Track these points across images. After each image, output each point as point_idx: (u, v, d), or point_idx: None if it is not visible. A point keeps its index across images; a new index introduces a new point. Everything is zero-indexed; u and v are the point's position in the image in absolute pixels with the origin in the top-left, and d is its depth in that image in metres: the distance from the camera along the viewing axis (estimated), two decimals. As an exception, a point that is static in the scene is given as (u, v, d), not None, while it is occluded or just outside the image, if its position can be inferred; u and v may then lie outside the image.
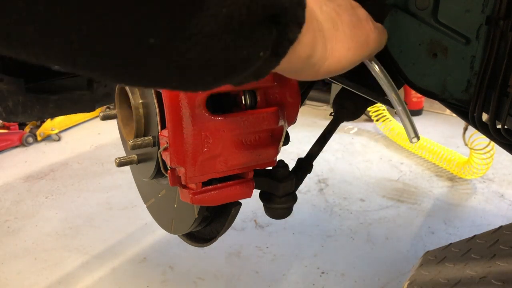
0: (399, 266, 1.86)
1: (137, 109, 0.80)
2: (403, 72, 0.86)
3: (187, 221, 0.88)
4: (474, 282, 0.86)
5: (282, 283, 1.77)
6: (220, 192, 0.69)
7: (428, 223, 2.20)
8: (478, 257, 0.94)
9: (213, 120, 0.61)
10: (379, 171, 2.79)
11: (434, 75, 0.84)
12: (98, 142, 3.19)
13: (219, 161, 0.64)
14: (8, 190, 2.54)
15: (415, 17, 0.82)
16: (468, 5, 0.76)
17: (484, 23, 0.75)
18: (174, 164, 0.64)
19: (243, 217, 2.21)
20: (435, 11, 0.80)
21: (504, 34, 0.71)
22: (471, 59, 0.79)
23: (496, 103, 0.75)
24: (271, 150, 0.68)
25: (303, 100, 0.91)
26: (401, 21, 0.84)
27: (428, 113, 3.94)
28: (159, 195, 0.98)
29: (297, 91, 0.72)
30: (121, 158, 0.88)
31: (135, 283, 1.76)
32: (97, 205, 2.35)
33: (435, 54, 0.83)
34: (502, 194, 2.50)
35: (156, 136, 0.77)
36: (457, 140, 3.11)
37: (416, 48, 0.84)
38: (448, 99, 0.84)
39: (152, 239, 2.05)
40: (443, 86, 0.84)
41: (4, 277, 1.79)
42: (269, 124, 0.66)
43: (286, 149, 0.80)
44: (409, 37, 0.84)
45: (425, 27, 0.81)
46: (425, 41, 0.83)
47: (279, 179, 0.83)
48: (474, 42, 0.78)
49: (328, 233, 2.11)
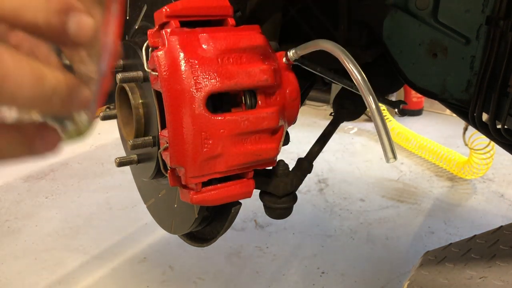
0: (399, 266, 1.86)
1: (137, 109, 0.80)
2: (403, 72, 0.86)
3: (187, 221, 0.88)
4: (474, 282, 0.86)
5: (282, 283, 1.77)
6: (220, 192, 0.69)
7: (428, 223, 2.20)
8: (478, 257, 0.94)
9: (213, 120, 0.61)
10: (379, 171, 2.78)
11: (434, 75, 0.84)
12: (98, 142, 3.19)
13: (219, 161, 0.64)
14: (8, 190, 2.53)
15: (415, 17, 0.82)
16: (468, 5, 0.76)
17: (484, 23, 0.75)
18: (174, 164, 0.64)
19: (243, 217, 2.21)
20: (435, 11, 0.80)
21: (504, 34, 0.71)
22: (471, 59, 0.79)
23: (496, 103, 0.75)
24: (271, 150, 0.68)
25: (303, 100, 0.92)
26: (401, 21, 0.84)
27: (428, 113, 3.94)
28: (159, 195, 0.98)
29: (297, 91, 0.72)
30: (121, 158, 0.88)
31: (135, 283, 1.76)
32: (97, 205, 2.34)
33: (435, 54, 0.83)
34: (502, 194, 2.50)
35: (156, 136, 0.77)
36: (457, 140, 3.10)
37: (416, 48, 0.84)
38: (448, 99, 0.84)
39: (152, 239, 2.05)
40: (443, 86, 0.84)
41: (4, 277, 1.79)
42: (269, 124, 0.66)
43: (286, 149, 0.80)
44: (409, 37, 0.84)
45: (425, 27, 0.81)
46: (425, 41, 0.83)
47: (279, 179, 0.84)
48: (474, 42, 0.78)
49: (328, 233, 2.11)
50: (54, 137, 0.35)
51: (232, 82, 0.62)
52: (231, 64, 0.63)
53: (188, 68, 0.60)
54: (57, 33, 0.31)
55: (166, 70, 0.61)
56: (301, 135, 3.03)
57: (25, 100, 0.30)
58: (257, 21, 0.98)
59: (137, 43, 0.80)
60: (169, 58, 0.61)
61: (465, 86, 0.82)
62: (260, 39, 0.67)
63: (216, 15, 0.68)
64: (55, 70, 0.32)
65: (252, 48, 0.66)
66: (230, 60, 0.64)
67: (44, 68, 0.31)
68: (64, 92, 0.32)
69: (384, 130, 0.57)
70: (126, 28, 0.95)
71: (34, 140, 0.34)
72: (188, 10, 0.65)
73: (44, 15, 0.30)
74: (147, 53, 0.68)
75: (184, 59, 0.61)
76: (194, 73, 0.60)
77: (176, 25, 0.64)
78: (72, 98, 0.33)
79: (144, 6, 0.85)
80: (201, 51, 0.62)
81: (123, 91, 0.83)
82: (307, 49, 0.67)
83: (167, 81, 0.61)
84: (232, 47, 0.64)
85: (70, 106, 0.33)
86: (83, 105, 0.34)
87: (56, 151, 0.36)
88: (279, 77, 0.68)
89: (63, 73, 0.32)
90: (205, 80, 0.61)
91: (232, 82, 0.62)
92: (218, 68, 0.62)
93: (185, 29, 0.64)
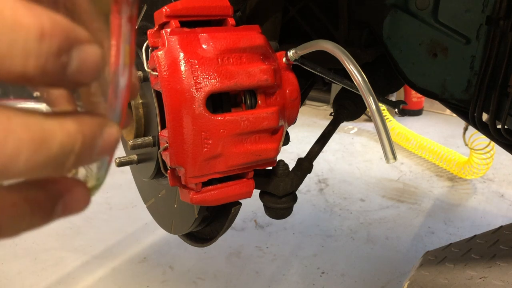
0: (399, 266, 1.86)
1: (137, 109, 0.80)
2: (403, 72, 0.86)
3: (187, 221, 0.88)
4: (474, 282, 0.86)
5: (282, 283, 1.77)
6: (220, 192, 0.69)
7: (428, 223, 2.20)
8: (478, 257, 0.94)
9: (213, 120, 0.61)
10: (379, 171, 2.78)
11: (434, 75, 0.84)
12: (98, 142, 3.19)
13: (219, 161, 0.64)
14: (8, 190, 2.53)
15: (415, 17, 0.82)
16: (468, 5, 0.76)
17: (484, 23, 0.75)
18: (174, 164, 0.64)
19: (243, 217, 2.21)
20: (435, 11, 0.80)
21: (504, 34, 0.71)
22: (471, 59, 0.79)
23: (496, 103, 0.75)
24: (271, 150, 0.68)
25: (303, 100, 0.91)
26: (401, 21, 0.84)
27: (428, 113, 3.94)
28: (159, 195, 0.98)
29: (297, 91, 0.72)
30: (121, 158, 0.88)
31: (135, 283, 1.76)
32: (97, 205, 2.34)
33: (435, 54, 0.83)
34: (502, 194, 2.50)
35: (156, 136, 0.77)
36: (457, 140, 3.11)
37: (416, 48, 0.84)
38: (448, 99, 0.84)
39: (152, 239, 2.05)
40: (443, 86, 0.84)
41: (4, 277, 1.79)
42: (269, 124, 0.66)
43: (286, 149, 0.80)
44: (409, 37, 0.84)
45: (425, 27, 0.81)
46: (425, 41, 0.83)
47: (279, 179, 0.83)
48: (474, 42, 0.78)
49: (328, 233, 2.11)
50: (80, 193, 0.27)
51: (232, 82, 0.62)
52: (231, 64, 0.63)
53: (188, 68, 0.60)
54: (55, 78, 0.23)
55: (166, 70, 0.61)
56: (301, 135, 3.03)
57: (23, 171, 0.22)
58: (257, 21, 0.99)
59: (137, 43, 0.80)
60: (169, 58, 0.61)
61: (465, 86, 0.81)
62: (260, 39, 0.67)
63: (216, 15, 0.68)
64: (64, 120, 0.24)
65: (252, 48, 0.66)
66: (230, 60, 0.64)
67: (47, 122, 0.23)
68: (80, 147, 0.24)
69: (384, 130, 0.57)
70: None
71: (52, 205, 0.26)
72: (188, 10, 0.65)
73: (36, 61, 0.21)
74: (147, 53, 0.68)
75: (184, 59, 0.61)
76: (194, 73, 0.60)
77: (176, 25, 0.64)
78: (92, 149, 0.25)
79: (144, 6, 0.85)
80: (201, 51, 0.62)
81: (123, 91, 0.83)
82: (307, 49, 0.67)
83: (167, 81, 0.61)
84: (232, 47, 0.64)
85: (89, 159, 0.26)
86: (104, 152, 0.27)
87: (85, 208, 0.28)
88: (279, 77, 0.68)
89: (76, 119, 0.24)
90: (205, 80, 0.61)
91: (232, 82, 0.62)
92: (218, 68, 0.62)
93: (185, 29, 0.64)
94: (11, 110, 0.22)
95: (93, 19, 0.26)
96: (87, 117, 0.25)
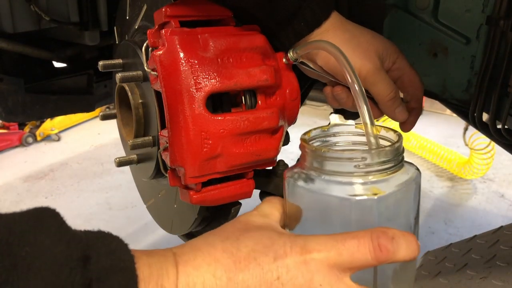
0: (399, 266, 1.85)
1: (137, 109, 0.80)
2: (403, 72, 0.86)
3: (187, 221, 0.87)
4: (474, 282, 0.86)
5: (282, 283, 1.77)
6: (220, 192, 0.69)
7: (428, 223, 2.20)
8: (479, 257, 0.94)
9: (213, 120, 0.61)
10: (379, 171, 2.78)
11: (434, 75, 0.84)
12: (98, 142, 3.19)
13: (219, 161, 0.64)
14: (8, 190, 2.53)
15: (415, 17, 0.82)
16: (468, 5, 0.76)
17: (484, 23, 0.75)
18: (174, 164, 0.64)
19: (243, 217, 2.21)
20: (435, 11, 0.80)
21: (504, 34, 0.71)
22: (471, 59, 0.79)
23: (496, 103, 0.75)
24: (271, 150, 0.68)
25: (303, 100, 0.91)
26: (401, 21, 0.84)
27: (428, 113, 3.94)
28: (159, 195, 0.98)
29: (297, 91, 0.72)
30: (121, 158, 0.88)
31: (135, 283, 1.76)
32: (97, 205, 2.35)
33: (435, 54, 0.83)
34: (503, 194, 2.50)
35: (156, 136, 0.77)
36: (457, 140, 3.10)
37: (416, 48, 0.84)
38: (449, 99, 0.84)
39: (152, 239, 2.05)
40: (444, 86, 0.84)
41: (4, 277, 1.78)
42: (269, 124, 0.65)
43: (286, 149, 0.80)
44: (409, 37, 0.84)
45: (425, 27, 0.81)
46: (425, 41, 0.83)
47: (279, 179, 0.83)
48: (474, 42, 0.78)
49: (328, 233, 2.10)
50: None
51: (232, 82, 0.62)
52: (231, 64, 0.63)
53: (188, 68, 0.60)
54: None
55: (166, 70, 0.61)
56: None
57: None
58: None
59: (137, 43, 0.80)
60: (169, 58, 0.61)
61: (465, 86, 0.81)
62: (260, 39, 0.67)
63: (216, 15, 0.68)
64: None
65: (252, 48, 0.66)
66: (230, 60, 0.63)
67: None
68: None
69: (375, 141, 0.55)
70: (126, 28, 0.95)
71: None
72: (188, 10, 0.65)
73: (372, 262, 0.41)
74: (147, 53, 0.68)
75: (184, 59, 0.61)
76: (194, 73, 0.60)
77: (176, 25, 0.64)
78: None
79: (144, 6, 0.85)
80: (201, 51, 0.62)
81: (123, 91, 0.83)
82: (307, 49, 0.67)
83: (167, 81, 0.61)
84: (232, 47, 0.64)
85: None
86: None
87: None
88: (279, 77, 0.68)
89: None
90: (205, 80, 0.61)
91: (232, 82, 0.62)
92: (218, 68, 0.62)
93: (185, 29, 0.64)
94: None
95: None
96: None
